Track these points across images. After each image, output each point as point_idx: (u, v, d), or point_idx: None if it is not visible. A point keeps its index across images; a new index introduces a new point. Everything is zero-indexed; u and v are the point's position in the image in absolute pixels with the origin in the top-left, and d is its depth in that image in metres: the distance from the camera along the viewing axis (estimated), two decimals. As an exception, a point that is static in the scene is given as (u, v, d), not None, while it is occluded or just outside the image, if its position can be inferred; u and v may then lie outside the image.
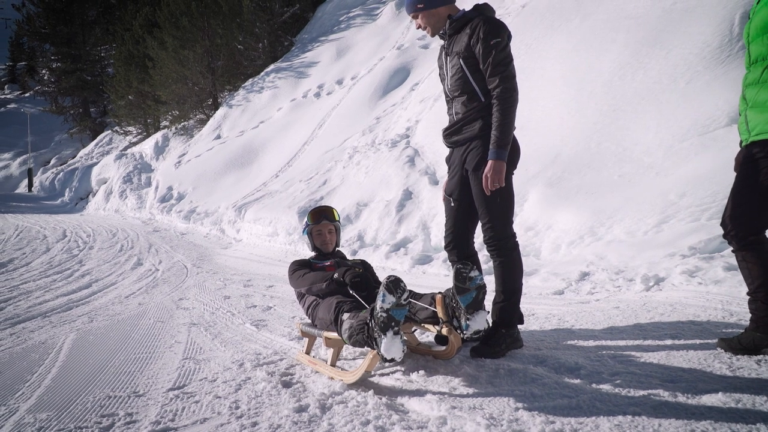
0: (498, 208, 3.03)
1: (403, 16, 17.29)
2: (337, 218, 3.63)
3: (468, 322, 2.68)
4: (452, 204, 3.25)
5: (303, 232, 3.68)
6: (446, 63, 3.17)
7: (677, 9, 7.66)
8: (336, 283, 3.09)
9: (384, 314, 2.46)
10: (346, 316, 2.78)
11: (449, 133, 3.22)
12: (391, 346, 2.44)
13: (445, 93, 3.26)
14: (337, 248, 3.67)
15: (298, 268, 3.43)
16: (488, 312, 2.84)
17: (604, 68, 7.70)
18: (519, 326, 3.19)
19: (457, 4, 3.19)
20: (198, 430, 2.41)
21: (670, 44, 7.23)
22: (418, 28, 3.23)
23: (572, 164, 6.69)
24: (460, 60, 3.03)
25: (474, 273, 2.70)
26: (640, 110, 6.77)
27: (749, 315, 2.85)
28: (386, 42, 16.95)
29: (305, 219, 3.64)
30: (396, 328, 2.47)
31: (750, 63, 2.74)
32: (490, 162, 2.93)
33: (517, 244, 3.13)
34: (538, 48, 9.23)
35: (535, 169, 6.85)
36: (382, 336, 2.45)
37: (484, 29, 2.94)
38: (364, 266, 3.56)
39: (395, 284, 2.49)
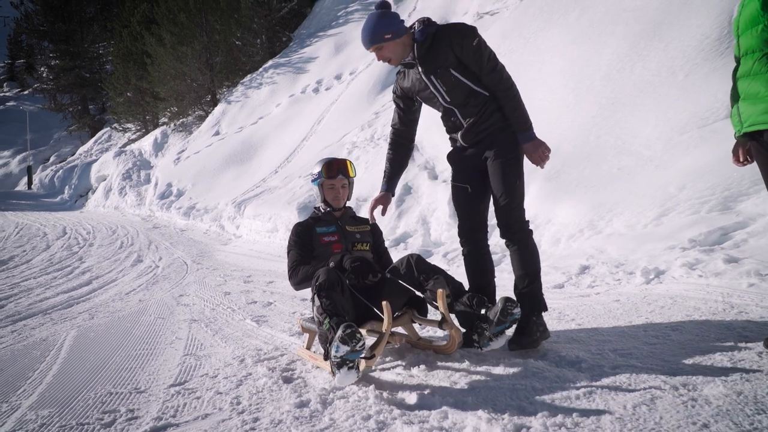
0: (518, 192, 3.04)
1: (401, 9, 17.22)
2: (353, 174, 3.39)
3: (490, 343, 2.81)
4: (469, 191, 3.20)
5: (313, 182, 3.39)
6: (432, 80, 3.05)
7: (676, 1, 7.63)
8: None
9: (338, 359, 2.53)
10: (317, 303, 2.82)
11: (472, 134, 3.11)
12: (344, 379, 2.55)
13: (441, 106, 3.14)
14: (347, 202, 3.45)
15: (296, 258, 3.24)
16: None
17: (603, 61, 7.68)
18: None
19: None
20: (199, 425, 2.42)
21: (668, 37, 7.21)
22: (380, 60, 3.10)
23: (571, 158, 6.68)
24: (450, 70, 3.00)
25: (516, 310, 2.80)
26: (639, 103, 6.76)
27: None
28: (385, 37, 16.88)
29: (318, 169, 3.34)
30: (350, 365, 2.55)
31: (740, 55, 2.74)
32: (525, 146, 3.01)
33: (532, 231, 3.14)
34: (537, 41, 9.20)
35: (534, 163, 6.82)
36: (337, 372, 2.54)
37: (459, 34, 2.98)
38: (374, 233, 3.45)
39: (351, 336, 2.50)
